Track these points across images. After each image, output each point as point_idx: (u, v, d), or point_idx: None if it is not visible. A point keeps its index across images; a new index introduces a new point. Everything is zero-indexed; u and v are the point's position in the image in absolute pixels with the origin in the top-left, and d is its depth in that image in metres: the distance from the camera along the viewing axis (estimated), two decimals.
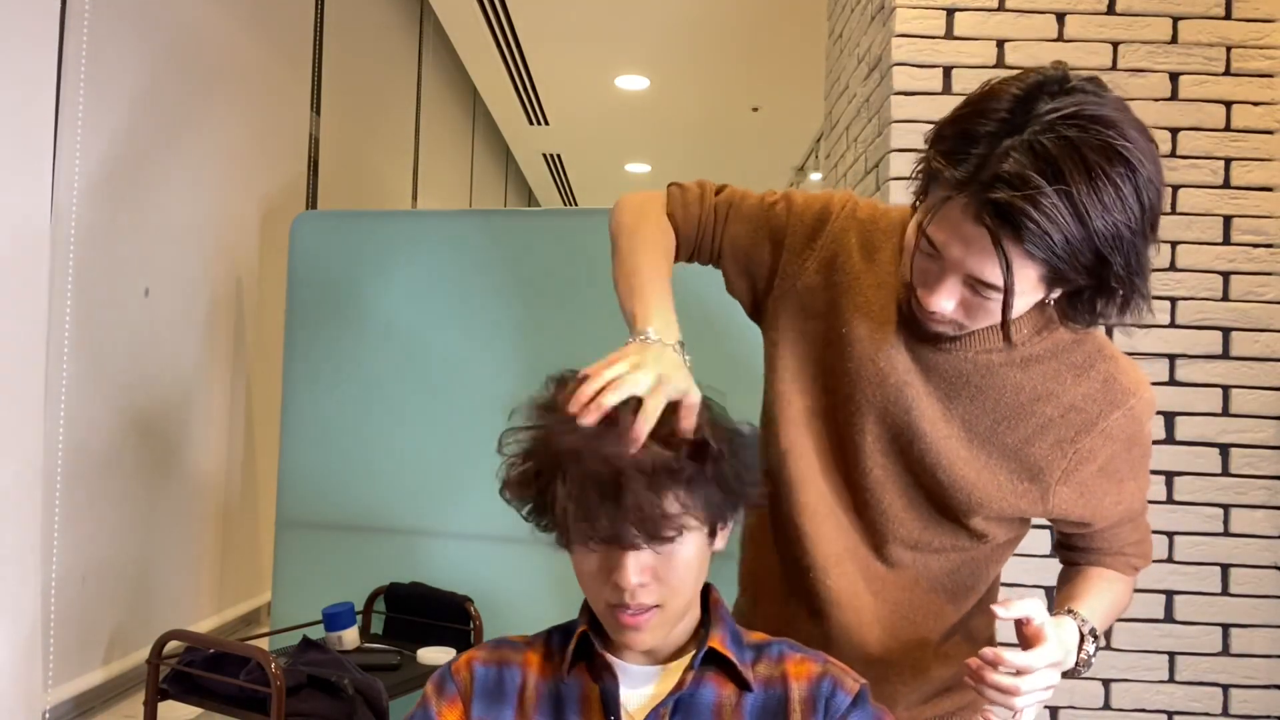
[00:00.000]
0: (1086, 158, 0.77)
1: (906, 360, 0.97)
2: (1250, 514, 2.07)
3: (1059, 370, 0.95)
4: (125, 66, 1.93)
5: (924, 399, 0.97)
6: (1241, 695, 2.05)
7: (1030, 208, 0.76)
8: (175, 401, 2.19)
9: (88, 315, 1.83)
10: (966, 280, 0.85)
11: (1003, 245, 0.78)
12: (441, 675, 0.93)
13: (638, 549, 0.83)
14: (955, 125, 0.83)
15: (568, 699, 0.89)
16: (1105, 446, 0.95)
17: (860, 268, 1.00)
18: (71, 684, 1.79)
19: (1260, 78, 2.11)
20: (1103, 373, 0.96)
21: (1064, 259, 0.78)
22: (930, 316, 0.90)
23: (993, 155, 0.78)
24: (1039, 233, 0.77)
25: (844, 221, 1.03)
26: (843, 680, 0.89)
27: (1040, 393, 0.95)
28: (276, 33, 2.68)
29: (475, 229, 2.00)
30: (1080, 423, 0.95)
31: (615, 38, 4.15)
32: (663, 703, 0.87)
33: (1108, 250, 0.79)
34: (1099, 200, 0.77)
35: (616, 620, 0.86)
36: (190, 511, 2.28)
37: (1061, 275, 0.81)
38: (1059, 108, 0.79)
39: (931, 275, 0.87)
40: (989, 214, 0.78)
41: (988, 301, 0.85)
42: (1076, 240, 0.77)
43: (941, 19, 2.15)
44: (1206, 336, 2.10)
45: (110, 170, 1.89)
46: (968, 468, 0.97)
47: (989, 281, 0.82)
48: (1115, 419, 0.95)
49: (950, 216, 0.82)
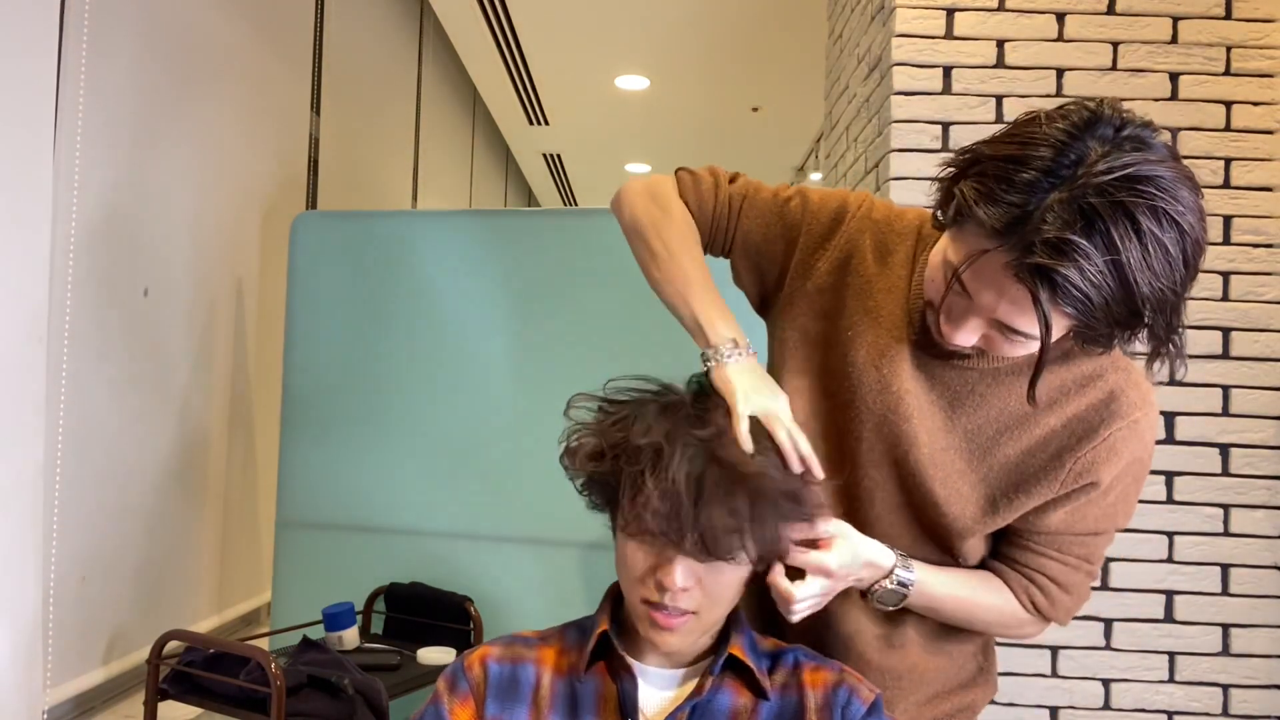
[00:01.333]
0: (1139, 225, 0.73)
1: (911, 369, 0.94)
2: (1250, 514, 2.07)
3: (1066, 380, 0.92)
4: (125, 67, 1.93)
5: (925, 409, 0.94)
6: (1241, 695, 2.05)
7: (1075, 274, 0.73)
8: (175, 401, 2.19)
9: (88, 315, 1.83)
10: (994, 323, 0.82)
11: (1042, 305, 0.75)
12: (454, 671, 0.92)
13: (697, 559, 0.83)
14: (994, 162, 0.78)
15: (584, 698, 0.89)
16: (1106, 460, 0.91)
17: (873, 271, 0.98)
18: (71, 684, 1.79)
19: (1260, 78, 2.11)
20: (1111, 383, 0.91)
21: (1101, 319, 0.76)
22: (948, 343, 0.87)
23: (1037, 210, 0.74)
24: (1080, 297, 0.73)
25: (859, 222, 1.00)
26: (858, 689, 0.89)
27: (1045, 401, 0.91)
28: (276, 33, 2.68)
29: (475, 229, 2.00)
30: (1082, 432, 0.90)
31: (615, 38, 4.15)
32: (680, 707, 0.87)
33: (1149, 312, 0.77)
34: (1148, 267, 0.74)
35: (650, 618, 0.85)
36: (190, 511, 2.28)
37: (1094, 330, 0.78)
38: (1112, 168, 0.73)
39: (958, 310, 0.84)
40: (1028, 274, 0.74)
41: (1013, 343, 0.82)
42: (1117, 302, 0.75)
43: (941, 19, 2.15)
44: (1206, 336, 2.10)
45: (110, 170, 1.89)
46: (963, 481, 0.94)
47: (1021, 331, 0.80)
48: (1118, 430, 0.90)
49: (987, 269, 0.78)
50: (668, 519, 0.80)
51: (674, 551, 0.83)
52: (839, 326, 0.98)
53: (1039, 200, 0.74)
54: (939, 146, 2.15)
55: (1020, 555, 0.98)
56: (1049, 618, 0.99)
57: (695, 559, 0.83)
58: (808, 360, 1.01)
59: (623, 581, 0.89)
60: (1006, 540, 0.99)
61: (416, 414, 2.01)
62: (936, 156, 2.14)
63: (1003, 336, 0.82)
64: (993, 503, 0.94)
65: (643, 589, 0.85)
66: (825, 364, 1.00)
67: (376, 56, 3.67)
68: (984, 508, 0.94)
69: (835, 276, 0.99)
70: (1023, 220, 0.74)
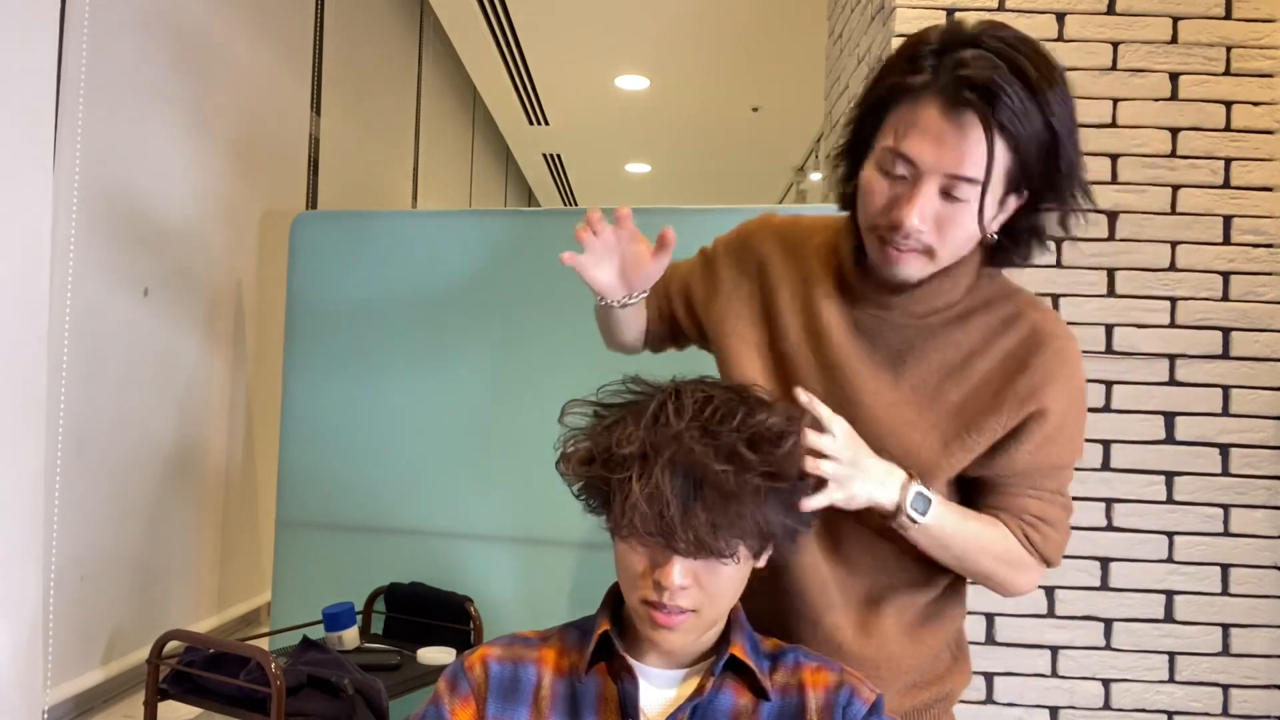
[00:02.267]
0: (1033, 58, 0.88)
1: (850, 339, 1.03)
2: (1250, 514, 2.07)
3: (992, 323, 1.01)
4: (125, 66, 1.93)
5: (870, 372, 1.01)
6: (1241, 695, 2.05)
7: (1004, 84, 0.85)
8: (175, 401, 2.19)
9: (88, 315, 1.83)
10: (942, 186, 0.90)
11: (982, 118, 0.86)
12: (454, 672, 0.92)
13: (691, 557, 0.83)
14: (891, 63, 0.93)
15: (585, 699, 0.89)
16: (1045, 385, 0.98)
17: (787, 265, 1.08)
18: (71, 684, 1.79)
19: (1260, 78, 2.11)
20: (1031, 320, 1.00)
21: (1028, 139, 0.87)
22: (902, 245, 0.93)
23: (949, 60, 0.87)
24: (1011, 105, 0.85)
25: (761, 234, 1.13)
26: (859, 689, 0.89)
27: (979, 346, 1.00)
28: (276, 33, 2.68)
29: (475, 229, 2.00)
30: (1016, 366, 0.98)
31: (615, 38, 4.14)
32: (680, 708, 0.87)
33: (1063, 134, 0.89)
34: (1049, 89, 0.87)
35: (650, 617, 0.86)
36: (190, 511, 2.28)
37: (1026, 166, 0.89)
38: (1001, 37, 0.88)
39: (903, 195, 0.91)
40: (967, 90, 0.86)
41: (960, 208, 0.90)
42: (1038, 122, 0.87)
43: (941, 19, 2.15)
44: (1206, 336, 2.10)
45: (110, 170, 1.89)
46: (914, 430, 1.00)
47: (967, 175, 0.88)
48: (1046, 358, 0.98)
49: (920, 121, 0.89)
50: (657, 522, 0.81)
51: (669, 552, 0.83)
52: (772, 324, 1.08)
53: (952, 55, 0.88)
54: None
55: (1002, 501, 1.03)
56: (1044, 556, 1.04)
57: (690, 558, 0.83)
58: (751, 361, 1.08)
59: (622, 582, 0.90)
60: (985, 492, 1.05)
61: (417, 414, 2.01)
62: None
63: (950, 202, 0.90)
64: (946, 445, 1.00)
65: (641, 589, 0.86)
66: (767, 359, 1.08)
67: (376, 56, 3.67)
68: (939, 451, 1.00)
69: (755, 283, 1.10)
70: (940, 71, 0.88)
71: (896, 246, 0.93)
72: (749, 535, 0.84)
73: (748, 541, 0.85)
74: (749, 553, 0.87)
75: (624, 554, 0.88)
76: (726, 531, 0.82)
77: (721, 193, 6.85)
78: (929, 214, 0.91)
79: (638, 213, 1.11)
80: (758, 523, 0.84)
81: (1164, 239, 2.11)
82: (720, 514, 0.81)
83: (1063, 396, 0.99)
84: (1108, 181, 2.12)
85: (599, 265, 1.06)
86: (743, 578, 0.89)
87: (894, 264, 0.95)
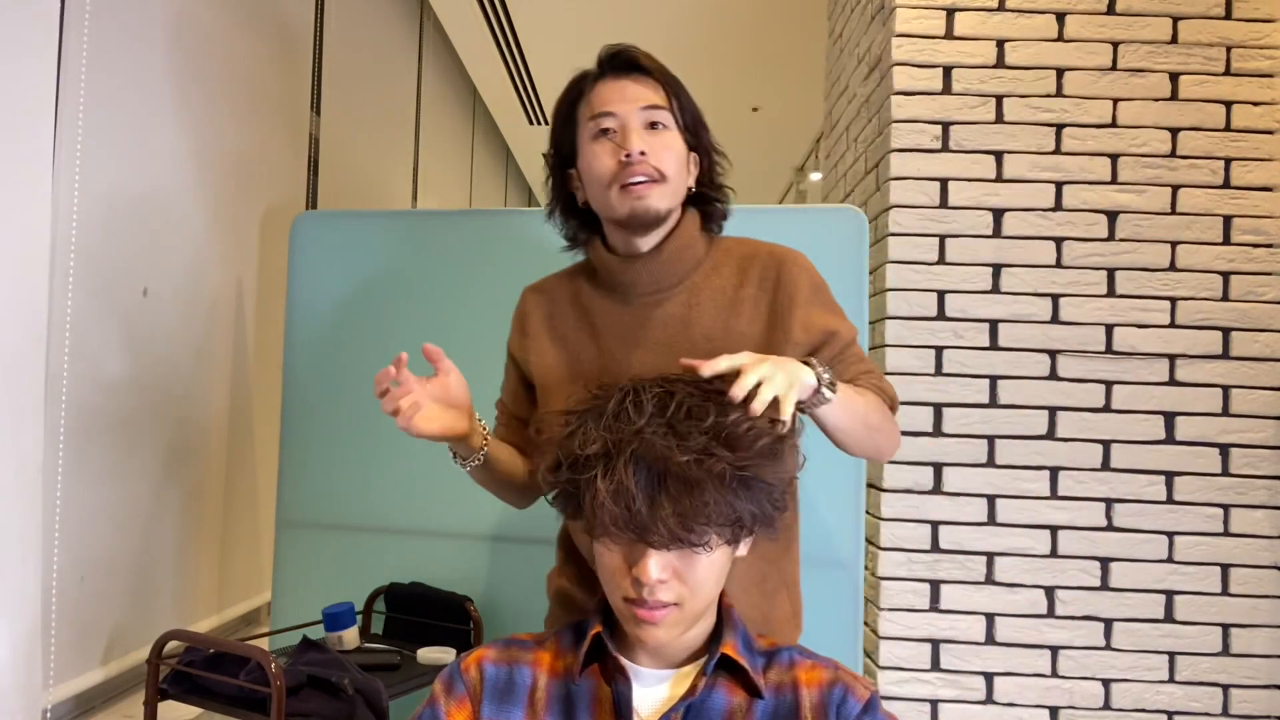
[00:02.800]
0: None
1: (637, 328, 1.16)
2: (1250, 514, 2.07)
3: (738, 266, 1.18)
4: (125, 66, 1.93)
5: (663, 351, 1.14)
6: (1241, 695, 2.06)
7: (652, 59, 1.15)
8: (175, 401, 2.19)
9: (88, 315, 1.83)
10: (644, 122, 1.12)
11: (646, 69, 1.14)
12: (450, 674, 0.92)
13: (665, 549, 0.84)
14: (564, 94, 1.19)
15: (579, 700, 0.89)
16: (794, 289, 1.15)
17: (549, 310, 1.24)
18: (71, 683, 1.79)
19: (1260, 78, 2.11)
20: (764, 251, 1.19)
21: (683, 97, 1.16)
22: (639, 178, 1.09)
23: (604, 58, 1.15)
24: (661, 68, 1.15)
25: (527, 299, 1.28)
26: (853, 687, 0.89)
27: (738, 281, 1.17)
28: (276, 33, 2.68)
29: (475, 229, 2.00)
30: (771, 286, 1.16)
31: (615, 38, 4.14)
32: (674, 707, 0.87)
33: (701, 120, 1.18)
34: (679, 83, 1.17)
35: (633, 614, 0.86)
36: (190, 511, 2.28)
37: (691, 120, 1.16)
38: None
39: (614, 142, 1.11)
40: (626, 57, 1.14)
41: (665, 135, 1.13)
42: (683, 91, 1.16)
43: (941, 19, 2.15)
44: (1206, 336, 2.10)
45: (110, 170, 1.89)
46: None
47: (656, 103, 1.13)
48: (789, 270, 1.16)
49: (603, 91, 1.13)
50: (626, 517, 0.82)
51: (642, 546, 0.84)
52: (570, 357, 1.20)
53: (604, 57, 1.15)
54: (939, 146, 2.15)
55: (843, 374, 1.16)
56: (892, 398, 1.18)
57: (664, 550, 0.83)
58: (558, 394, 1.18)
59: (603, 583, 0.90)
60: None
61: None
62: (937, 156, 2.14)
63: (654, 130, 1.12)
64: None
65: (622, 587, 0.86)
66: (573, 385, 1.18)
67: (376, 57, 3.67)
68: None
69: (539, 340, 1.23)
70: (606, 60, 1.16)
71: (635, 182, 1.10)
72: (718, 523, 0.84)
73: (718, 529, 0.85)
74: (722, 540, 0.87)
75: (601, 555, 0.88)
76: (694, 520, 0.82)
77: None
78: (646, 141, 1.10)
79: None
80: (725, 510, 0.84)
81: (1164, 239, 2.11)
82: (687, 504, 0.81)
83: (809, 287, 1.17)
84: (1108, 181, 2.12)
85: (427, 416, 1.03)
86: (723, 567, 0.89)
87: (640, 199, 1.10)
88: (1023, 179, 2.13)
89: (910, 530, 2.11)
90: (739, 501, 0.84)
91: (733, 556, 0.91)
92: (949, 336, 2.12)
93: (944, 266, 2.13)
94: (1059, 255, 2.12)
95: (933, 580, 2.10)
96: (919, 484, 2.11)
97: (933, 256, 2.13)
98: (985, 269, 2.12)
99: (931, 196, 2.13)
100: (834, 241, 1.78)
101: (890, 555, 2.11)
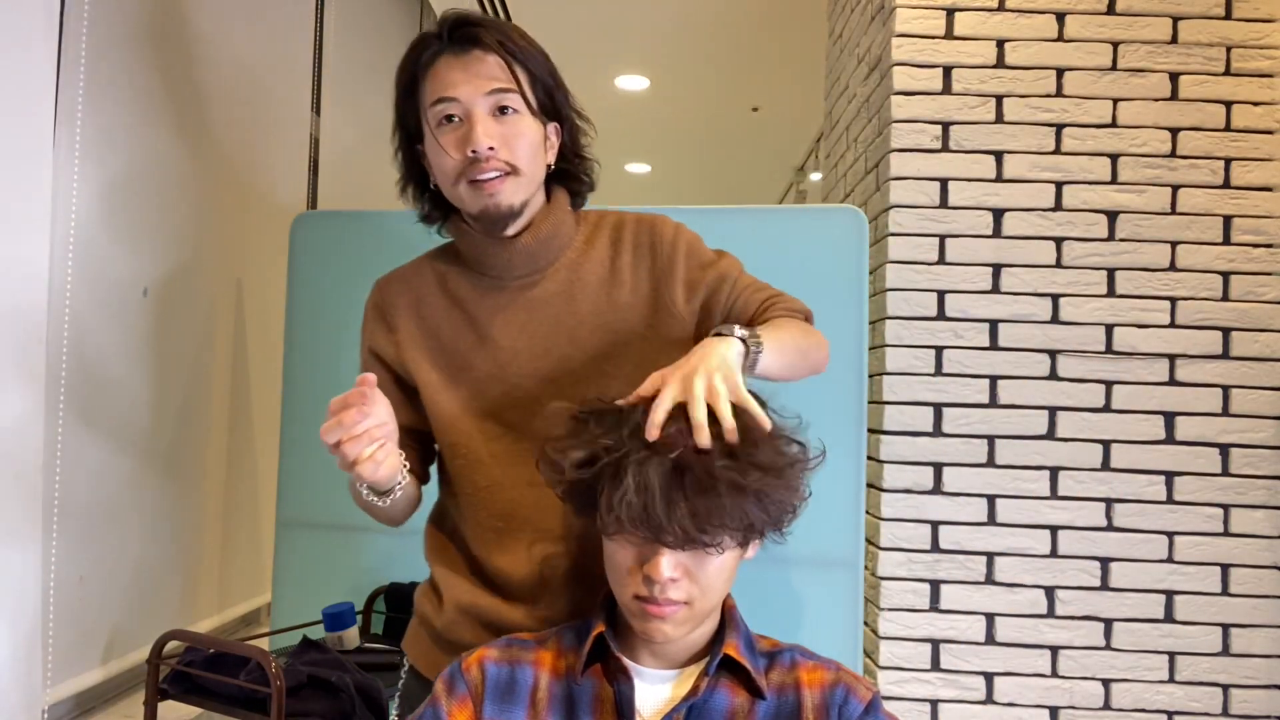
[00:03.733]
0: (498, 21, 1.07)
1: (520, 321, 1.10)
2: (1250, 514, 2.07)
3: (610, 236, 1.14)
4: (124, 66, 1.93)
5: (554, 330, 1.09)
6: (1241, 695, 2.05)
7: (495, 24, 1.04)
8: (175, 401, 2.19)
9: (88, 315, 1.83)
10: (490, 108, 1.03)
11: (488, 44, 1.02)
12: (451, 673, 0.92)
13: (679, 549, 0.84)
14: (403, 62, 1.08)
15: (581, 700, 0.89)
16: (671, 248, 1.12)
17: (410, 305, 1.15)
18: (71, 683, 1.79)
19: (1260, 78, 2.11)
20: (630, 219, 1.15)
21: (536, 63, 1.05)
22: (488, 174, 1.03)
23: (445, 30, 1.04)
24: (506, 33, 1.03)
25: (383, 296, 1.18)
26: (855, 688, 0.89)
27: (613, 252, 1.13)
28: (276, 33, 2.68)
29: None
30: (647, 250, 1.12)
31: (615, 38, 4.15)
32: (676, 708, 0.87)
33: (557, 76, 1.09)
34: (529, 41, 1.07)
35: (642, 610, 0.86)
36: (190, 511, 2.28)
37: (546, 89, 1.07)
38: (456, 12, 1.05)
39: (461, 131, 1.03)
40: (468, 29, 1.03)
41: (515, 120, 1.04)
42: (534, 51, 1.06)
43: (941, 19, 2.15)
44: (1206, 336, 2.10)
45: (109, 170, 1.89)
46: (624, 340, 1.09)
47: (502, 86, 1.03)
48: (660, 230, 1.13)
49: (442, 71, 1.03)
50: (643, 514, 0.82)
51: (656, 545, 0.84)
52: (448, 349, 1.12)
53: (447, 28, 1.04)
54: (939, 146, 2.15)
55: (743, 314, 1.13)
56: (805, 312, 1.15)
57: (678, 549, 0.84)
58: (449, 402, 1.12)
59: (612, 580, 0.90)
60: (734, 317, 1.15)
61: None
62: (937, 156, 2.14)
63: (503, 116, 1.04)
64: (652, 330, 1.11)
65: (632, 584, 0.86)
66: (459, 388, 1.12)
67: (376, 56, 3.67)
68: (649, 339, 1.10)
69: (409, 334, 1.14)
70: (447, 33, 1.04)
71: (485, 179, 1.03)
72: (732, 526, 0.84)
73: (731, 532, 0.85)
74: (734, 543, 0.87)
75: (613, 551, 0.88)
76: (709, 522, 0.82)
77: (721, 193, 6.85)
78: (494, 133, 1.02)
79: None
80: (739, 515, 0.84)
81: (1164, 239, 2.11)
82: (703, 505, 0.82)
83: (676, 238, 1.13)
84: (1108, 181, 2.12)
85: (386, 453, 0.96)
86: (732, 568, 0.89)
87: (492, 195, 1.04)
88: (1023, 179, 2.13)
89: (910, 530, 2.11)
90: (751, 507, 0.85)
91: (741, 558, 0.91)
92: (949, 336, 2.12)
93: (944, 266, 2.13)
94: (1059, 255, 2.12)
95: (933, 580, 2.10)
96: (919, 484, 2.11)
97: (933, 256, 2.13)
98: (985, 269, 2.12)
99: (931, 196, 2.13)
100: (834, 241, 1.78)
101: (890, 555, 2.11)
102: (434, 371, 1.12)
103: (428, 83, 1.05)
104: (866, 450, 1.90)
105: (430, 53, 1.04)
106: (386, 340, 1.15)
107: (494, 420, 1.10)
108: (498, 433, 1.10)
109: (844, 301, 1.77)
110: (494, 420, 1.10)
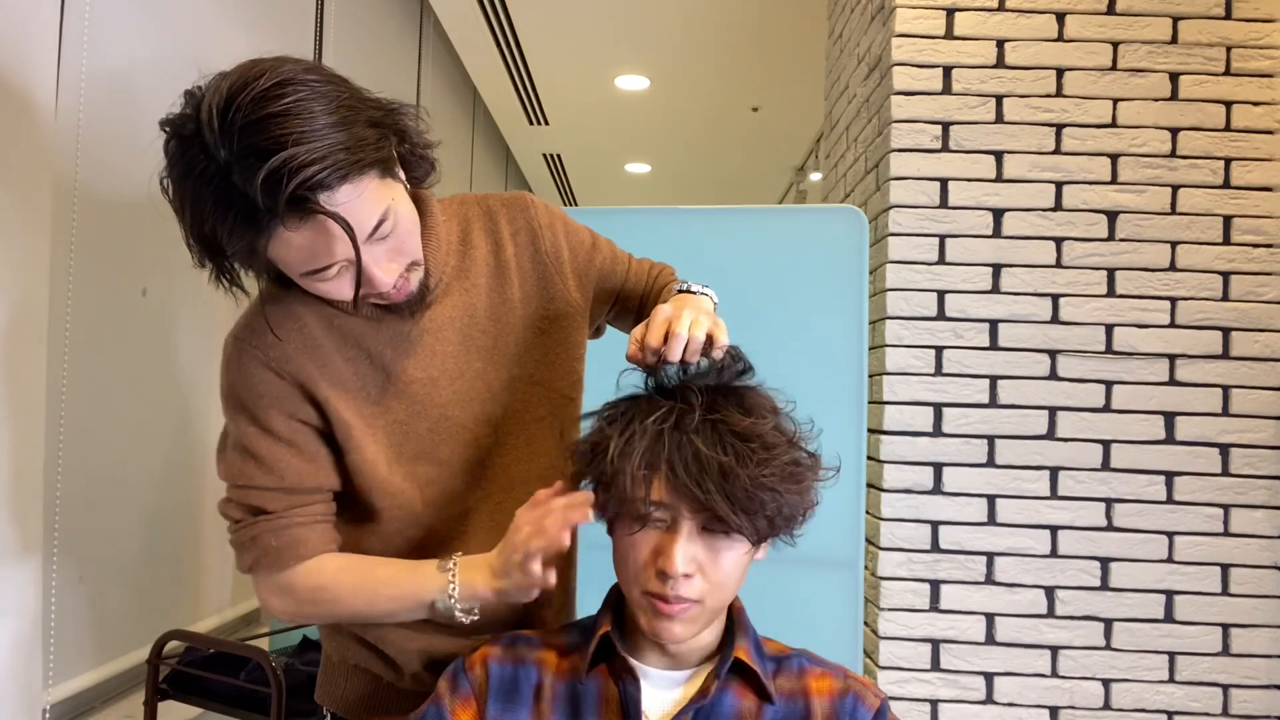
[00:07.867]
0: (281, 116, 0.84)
1: (422, 340, 1.01)
2: (1250, 514, 2.07)
3: (484, 228, 1.08)
4: (124, 66, 1.93)
5: (459, 340, 1.03)
6: (1241, 695, 2.05)
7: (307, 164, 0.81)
8: (175, 401, 2.19)
9: (88, 315, 1.83)
10: (371, 246, 0.88)
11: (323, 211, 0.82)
12: (455, 671, 0.91)
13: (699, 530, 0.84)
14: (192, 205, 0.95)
15: (586, 700, 0.88)
16: (551, 232, 1.10)
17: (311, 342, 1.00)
18: (71, 683, 1.79)
19: (1260, 78, 2.11)
20: (495, 203, 1.10)
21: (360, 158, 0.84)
22: (385, 300, 0.94)
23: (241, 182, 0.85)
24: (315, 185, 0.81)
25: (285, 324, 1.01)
26: (864, 696, 0.88)
27: (493, 246, 1.07)
28: (276, 33, 2.68)
29: None
30: (527, 239, 1.09)
31: (615, 38, 4.14)
32: (683, 710, 0.86)
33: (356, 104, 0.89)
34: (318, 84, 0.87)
35: (653, 606, 0.85)
36: (190, 510, 2.28)
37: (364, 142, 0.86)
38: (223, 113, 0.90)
39: (349, 274, 0.89)
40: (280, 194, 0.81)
41: (390, 222, 0.89)
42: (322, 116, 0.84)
43: (941, 19, 2.15)
44: (1206, 336, 2.10)
45: (109, 170, 1.90)
46: (537, 332, 1.08)
47: (367, 225, 0.86)
48: (535, 215, 1.10)
49: (290, 249, 0.86)
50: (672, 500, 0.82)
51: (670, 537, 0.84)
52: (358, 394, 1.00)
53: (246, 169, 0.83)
54: (939, 146, 2.15)
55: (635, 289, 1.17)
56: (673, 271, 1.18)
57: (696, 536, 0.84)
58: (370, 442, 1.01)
59: (622, 577, 0.89)
60: (627, 296, 1.18)
61: None
62: (936, 156, 2.14)
63: (382, 240, 0.89)
64: (541, 312, 1.09)
65: (644, 580, 0.85)
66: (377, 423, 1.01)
67: (376, 57, 3.67)
68: (542, 319, 1.09)
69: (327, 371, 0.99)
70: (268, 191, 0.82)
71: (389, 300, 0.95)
72: (759, 511, 0.83)
73: (756, 519, 0.84)
74: (748, 539, 0.86)
75: (625, 546, 0.87)
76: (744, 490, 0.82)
77: (721, 193, 6.85)
78: (384, 261, 0.91)
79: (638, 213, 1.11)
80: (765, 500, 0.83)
81: (1164, 239, 2.11)
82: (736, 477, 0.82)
83: (559, 225, 1.11)
84: (1108, 181, 2.12)
85: None
86: (744, 567, 0.88)
87: (398, 295, 0.95)
88: (1023, 179, 2.13)
89: (910, 530, 2.11)
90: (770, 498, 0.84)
91: (752, 560, 0.90)
92: (949, 336, 2.12)
93: (944, 266, 2.13)
94: (1059, 255, 2.12)
95: (933, 580, 2.10)
96: (919, 484, 2.11)
97: (933, 256, 2.13)
98: (985, 269, 2.12)
99: (931, 196, 2.13)
100: (834, 241, 1.78)
101: (890, 555, 2.11)
102: (357, 416, 0.99)
103: (275, 249, 0.87)
104: (866, 450, 1.91)
105: (264, 216, 0.84)
106: (312, 374, 0.98)
107: (426, 461, 1.02)
108: (431, 475, 1.03)
109: (844, 301, 1.77)
110: (426, 461, 1.02)
